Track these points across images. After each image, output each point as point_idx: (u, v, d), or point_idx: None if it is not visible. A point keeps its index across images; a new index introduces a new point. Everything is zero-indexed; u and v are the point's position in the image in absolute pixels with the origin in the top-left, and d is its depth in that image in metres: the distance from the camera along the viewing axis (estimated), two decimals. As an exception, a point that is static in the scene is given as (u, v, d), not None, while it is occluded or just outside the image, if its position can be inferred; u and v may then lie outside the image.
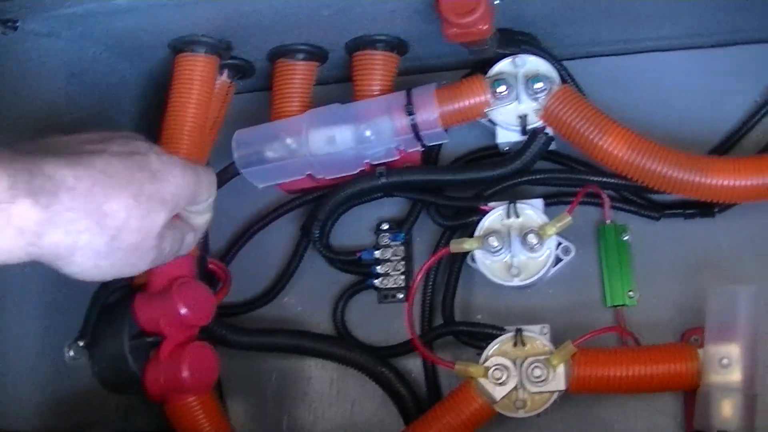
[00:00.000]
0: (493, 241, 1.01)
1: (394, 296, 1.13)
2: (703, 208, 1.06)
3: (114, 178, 0.80)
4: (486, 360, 0.99)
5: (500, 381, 0.98)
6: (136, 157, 0.84)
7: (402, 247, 1.13)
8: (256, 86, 1.19)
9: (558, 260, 1.04)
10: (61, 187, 0.75)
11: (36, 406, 1.01)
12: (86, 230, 0.77)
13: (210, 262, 1.12)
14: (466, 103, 1.03)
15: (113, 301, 1.07)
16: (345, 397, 1.13)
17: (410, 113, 1.03)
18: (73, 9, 1.01)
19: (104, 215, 0.78)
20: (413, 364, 1.11)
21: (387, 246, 1.13)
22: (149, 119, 1.16)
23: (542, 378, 0.97)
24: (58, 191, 0.75)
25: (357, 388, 1.12)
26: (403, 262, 1.13)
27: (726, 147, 1.08)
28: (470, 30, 0.97)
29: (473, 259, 1.04)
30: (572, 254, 1.04)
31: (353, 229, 1.16)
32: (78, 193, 0.76)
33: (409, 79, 1.11)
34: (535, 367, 0.97)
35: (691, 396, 0.96)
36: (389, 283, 1.12)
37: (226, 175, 1.10)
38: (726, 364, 0.93)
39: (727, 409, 0.92)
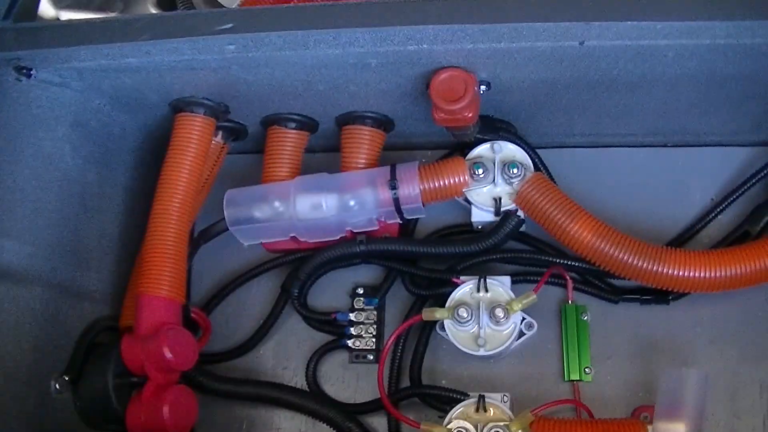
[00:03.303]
0: (463, 312, 1.08)
1: (364, 357, 1.18)
2: (659, 295, 1.14)
3: None
4: (450, 422, 1.05)
5: (462, 443, 1.04)
6: None
7: (375, 312, 1.19)
8: (247, 149, 1.26)
9: (521, 334, 1.11)
10: None
11: (20, 433, 1.04)
12: None
13: (192, 311, 1.17)
14: (447, 182, 1.11)
15: (100, 342, 1.12)
16: (311, 449, 1.17)
17: (393, 188, 1.10)
18: (87, 63, 1.08)
19: None
20: (378, 423, 1.15)
21: (361, 309, 1.19)
22: (144, 171, 1.22)
23: (502, 443, 1.03)
24: None
25: (323, 442, 1.17)
26: (375, 326, 1.19)
27: (683, 240, 1.16)
28: (457, 116, 1.05)
29: (442, 328, 1.10)
30: (535, 329, 1.11)
31: (330, 291, 1.22)
32: None
33: (392, 155, 1.19)
34: (496, 431, 1.03)
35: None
36: (361, 344, 1.18)
37: (214, 231, 1.17)
38: (673, 440, 0.99)
39: (672, 478, 0.99)
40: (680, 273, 1.04)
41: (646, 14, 0.96)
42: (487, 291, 1.10)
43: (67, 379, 1.09)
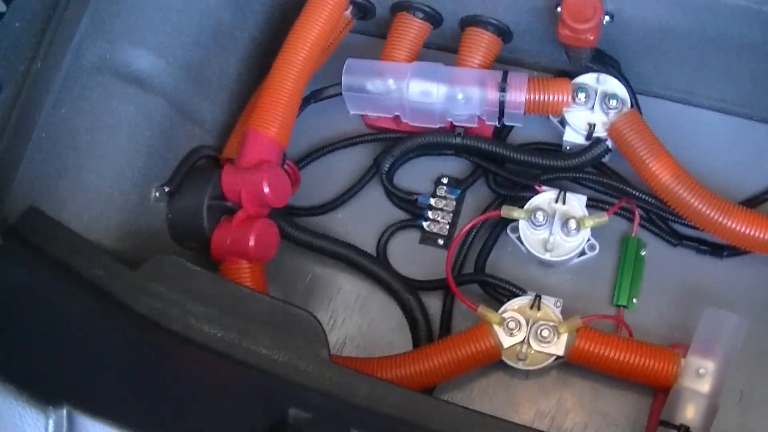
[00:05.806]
0: (540, 217, 1.16)
1: (435, 241, 1.26)
2: (715, 248, 1.22)
3: None
4: (505, 312, 1.13)
5: (512, 332, 1.12)
6: None
7: (454, 202, 1.27)
8: (370, 31, 1.33)
9: (583, 253, 1.19)
10: None
11: (116, 226, 1.11)
12: None
13: (287, 163, 1.23)
14: (551, 98, 1.19)
15: (201, 166, 1.20)
16: (366, 313, 1.24)
17: (502, 90, 1.18)
18: None
19: None
20: (433, 303, 1.23)
21: (443, 197, 1.27)
22: (271, 27, 1.30)
23: (547, 339, 1.11)
24: None
25: (378, 308, 1.24)
26: (451, 215, 1.27)
27: (753, 204, 1.23)
28: (580, 36, 1.13)
29: (513, 230, 1.19)
30: (597, 251, 1.19)
31: (418, 174, 1.29)
32: None
33: (502, 67, 1.25)
34: (544, 328, 1.11)
35: (662, 396, 1.11)
36: (435, 228, 1.26)
37: (326, 93, 1.25)
38: (702, 374, 1.08)
39: (692, 410, 1.07)
40: (740, 229, 1.12)
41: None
42: (564, 203, 1.18)
43: (166, 190, 1.16)
